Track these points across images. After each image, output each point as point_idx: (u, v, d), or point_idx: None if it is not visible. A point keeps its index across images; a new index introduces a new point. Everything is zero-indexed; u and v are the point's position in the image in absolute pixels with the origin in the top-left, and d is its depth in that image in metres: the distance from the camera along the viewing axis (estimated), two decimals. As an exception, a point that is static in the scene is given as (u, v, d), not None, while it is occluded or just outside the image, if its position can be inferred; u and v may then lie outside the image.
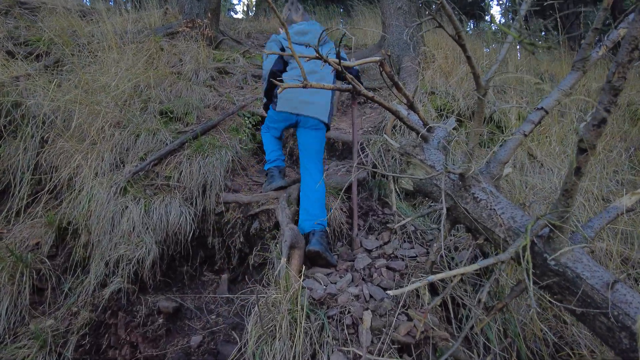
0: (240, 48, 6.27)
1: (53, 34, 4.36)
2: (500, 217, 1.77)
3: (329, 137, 3.58)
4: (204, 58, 4.84)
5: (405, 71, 5.15)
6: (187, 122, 3.28)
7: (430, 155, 2.16)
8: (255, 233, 2.62)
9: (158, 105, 3.31)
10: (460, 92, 4.64)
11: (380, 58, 1.98)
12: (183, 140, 2.89)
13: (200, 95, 3.74)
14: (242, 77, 4.86)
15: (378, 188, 3.11)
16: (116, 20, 5.76)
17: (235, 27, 9.00)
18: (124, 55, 4.11)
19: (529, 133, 1.98)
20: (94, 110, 2.97)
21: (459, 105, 4.52)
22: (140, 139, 2.89)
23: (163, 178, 2.71)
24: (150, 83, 3.47)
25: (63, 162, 2.76)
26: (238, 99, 3.87)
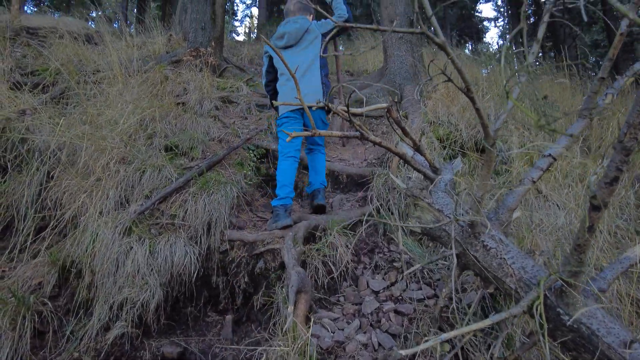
0: (243, 76, 6.33)
1: (59, 64, 4.40)
2: (511, 267, 1.75)
3: (332, 170, 3.59)
4: (208, 87, 4.88)
5: (408, 101, 5.19)
6: (192, 156, 3.29)
7: (437, 199, 2.15)
8: (260, 273, 2.58)
9: (163, 139, 3.32)
10: (463, 122, 4.65)
11: (387, 105, 1.99)
12: (188, 178, 2.88)
13: (205, 127, 3.75)
14: (246, 106, 4.89)
15: (383, 224, 3.09)
16: (121, 46, 5.83)
17: (238, 52, 9.12)
18: (129, 87, 4.14)
19: (537, 180, 1.97)
20: (100, 146, 2.98)
21: (461, 136, 4.53)
22: (145, 176, 2.89)
23: (168, 217, 2.69)
24: (156, 116, 3.48)
25: (68, 199, 2.75)
26: (243, 131, 3.88)
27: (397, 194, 3.12)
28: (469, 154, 4.32)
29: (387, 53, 5.81)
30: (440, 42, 1.51)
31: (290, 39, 3.10)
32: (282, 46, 3.13)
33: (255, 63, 8.25)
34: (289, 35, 3.10)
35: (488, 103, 5.21)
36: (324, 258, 2.55)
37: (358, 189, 3.55)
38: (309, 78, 3.04)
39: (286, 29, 3.11)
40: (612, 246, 2.92)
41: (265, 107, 5.08)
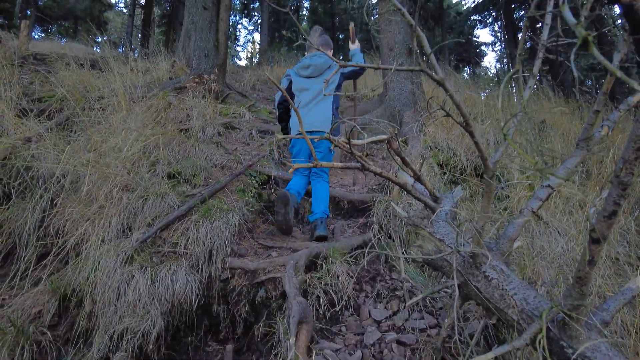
0: (246, 102, 6.42)
1: (65, 90, 4.48)
2: (513, 298, 1.74)
3: (334, 196, 3.60)
4: (211, 114, 4.94)
5: (408, 127, 5.25)
6: (194, 183, 3.31)
7: (439, 228, 2.15)
8: (261, 302, 2.57)
9: (166, 166, 3.35)
10: (462, 148, 4.70)
11: (388, 137, 2.03)
12: (190, 205, 2.90)
13: (207, 154, 3.79)
14: (248, 132, 4.94)
15: (384, 249, 3.09)
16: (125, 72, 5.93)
17: (240, 78, 9.27)
18: (133, 114, 4.21)
19: (537, 210, 1.99)
20: (103, 174, 3.01)
21: (461, 161, 4.57)
22: (148, 203, 2.90)
23: (170, 245, 2.69)
24: (159, 144, 3.53)
25: (70, 227, 2.76)
26: (245, 157, 3.92)
27: (399, 221, 3.12)
28: (468, 179, 4.36)
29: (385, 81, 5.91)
30: (439, 79, 1.55)
31: (315, 71, 3.40)
32: (305, 75, 3.45)
33: (257, 89, 8.39)
34: (314, 67, 3.40)
35: (487, 128, 5.27)
36: (325, 287, 2.53)
37: (359, 215, 3.56)
38: (322, 107, 3.31)
39: (312, 62, 3.41)
40: (614, 273, 2.91)
41: (268, 133, 5.13)
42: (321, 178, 3.37)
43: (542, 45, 1.90)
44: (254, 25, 29.65)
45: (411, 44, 5.87)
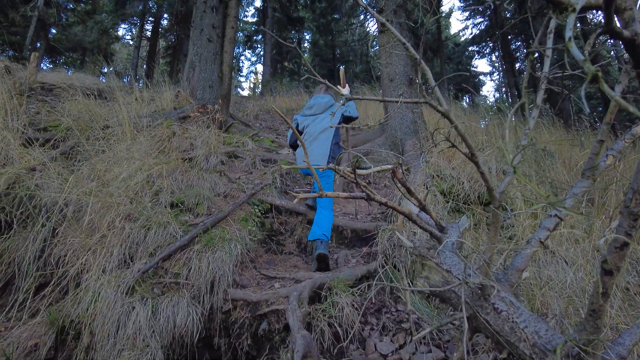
0: (249, 131, 6.48)
1: (71, 120, 4.53)
2: (524, 331, 1.69)
3: (337, 225, 3.57)
4: (215, 143, 4.98)
5: (409, 155, 5.27)
6: (197, 212, 3.29)
7: (445, 259, 2.12)
8: (263, 335, 2.50)
9: (169, 196, 3.34)
10: (464, 175, 4.69)
11: (392, 166, 2.02)
12: (193, 235, 2.87)
13: (210, 183, 3.78)
14: (251, 161, 4.96)
15: (390, 281, 3.03)
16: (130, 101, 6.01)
17: (243, 108, 9.39)
18: (137, 143, 4.24)
19: (545, 240, 1.96)
20: (106, 203, 2.99)
21: (464, 189, 4.56)
22: (150, 233, 2.87)
23: (172, 275, 2.65)
24: (163, 173, 3.53)
25: (71, 256, 2.72)
26: (247, 186, 3.91)
27: (404, 251, 3.08)
28: (472, 207, 4.33)
29: (387, 109, 5.97)
30: (444, 111, 1.56)
31: (317, 109, 3.78)
32: (309, 114, 3.80)
33: (260, 118, 8.48)
34: (317, 107, 3.78)
35: (489, 156, 5.29)
36: (329, 319, 2.47)
37: (363, 244, 3.52)
38: (323, 141, 3.59)
39: (316, 102, 3.82)
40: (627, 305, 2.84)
41: (270, 162, 5.15)
42: (324, 208, 3.45)
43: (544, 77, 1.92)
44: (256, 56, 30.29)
45: (412, 75, 5.97)
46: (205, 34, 6.57)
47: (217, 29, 6.69)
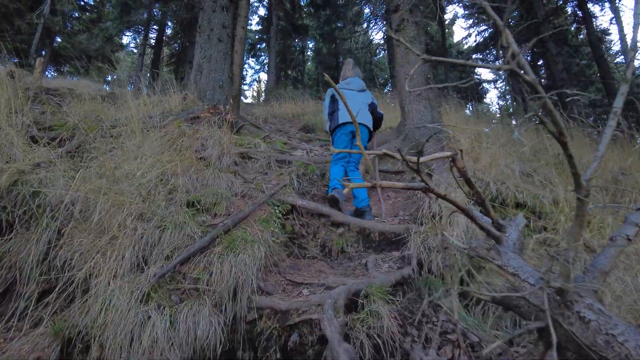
0: (260, 133, 6.22)
1: (77, 119, 4.28)
2: (624, 345, 1.40)
3: (363, 227, 3.29)
4: (227, 144, 4.71)
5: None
6: (215, 213, 3.01)
7: (509, 261, 1.83)
8: (294, 348, 2.19)
9: (184, 195, 3.06)
10: (490, 177, 4.42)
11: (452, 153, 1.76)
12: (213, 236, 2.59)
13: (227, 182, 3.51)
14: (265, 162, 4.69)
15: (428, 288, 2.74)
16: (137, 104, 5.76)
17: (251, 112, 9.16)
18: (149, 140, 3.98)
19: (633, 237, 1.67)
20: (117, 201, 2.71)
21: (490, 191, 4.28)
22: (165, 234, 2.59)
23: (191, 280, 2.35)
24: (177, 171, 3.26)
25: (79, 260, 2.43)
26: (267, 186, 3.63)
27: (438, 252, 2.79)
28: (500, 209, 4.06)
29: (404, 110, 5.72)
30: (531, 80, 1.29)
31: (355, 87, 4.28)
32: (347, 89, 4.24)
33: (269, 122, 8.23)
34: (355, 84, 4.30)
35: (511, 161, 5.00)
36: (368, 330, 2.18)
37: (392, 248, 3.23)
38: (364, 113, 4.11)
39: (354, 81, 4.35)
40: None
41: (285, 163, 4.88)
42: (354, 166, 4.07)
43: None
44: (260, 65, 30.19)
45: (429, 74, 5.73)
46: (216, 33, 6.35)
47: (228, 28, 6.46)
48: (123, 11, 18.31)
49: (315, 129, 7.56)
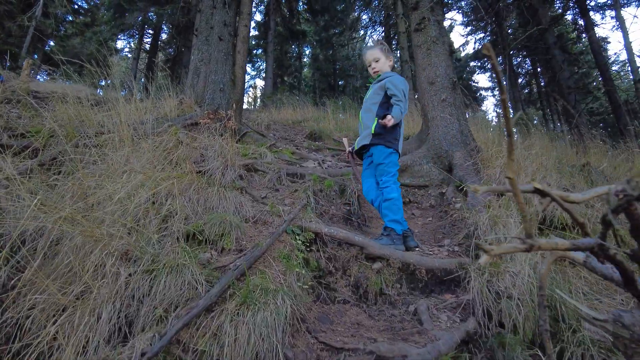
0: (265, 141, 5.52)
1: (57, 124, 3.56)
2: None
3: (406, 262, 2.59)
4: (231, 154, 4.00)
5: (461, 168, 4.33)
6: (222, 247, 2.29)
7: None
8: None
9: (183, 223, 2.34)
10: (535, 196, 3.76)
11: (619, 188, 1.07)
12: (224, 286, 1.87)
13: (235, 204, 2.80)
14: (275, 176, 3.98)
15: (502, 348, 2.05)
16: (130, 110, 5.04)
17: (250, 118, 8.45)
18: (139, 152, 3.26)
19: None
20: (94, 235, 1.99)
21: (536, 211, 3.63)
22: (158, 282, 1.87)
23: (194, 355, 1.64)
24: (173, 191, 2.54)
25: (38, 321, 1.70)
26: (283, 209, 2.92)
27: (544, 313, 2.10)
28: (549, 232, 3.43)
29: (427, 117, 5.05)
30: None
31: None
32: None
33: (272, 129, 7.52)
34: None
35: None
36: None
37: (444, 290, 2.54)
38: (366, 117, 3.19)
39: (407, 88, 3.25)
40: None
41: (297, 177, 4.18)
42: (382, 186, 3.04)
43: None
44: (256, 70, 29.55)
45: (454, 77, 5.08)
46: (216, 31, 5.65)
47: (229, 26, 5.77)
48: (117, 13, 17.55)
49: (322, 136, 6.87)
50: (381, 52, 3.20)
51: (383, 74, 3.14)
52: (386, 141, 2.99)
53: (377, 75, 3.20)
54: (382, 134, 2.99)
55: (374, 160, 3.06)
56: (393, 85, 2.96)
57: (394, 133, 3.02)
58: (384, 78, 3.08)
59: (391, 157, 3.00)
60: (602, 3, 15.92)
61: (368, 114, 3.11)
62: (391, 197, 2.88)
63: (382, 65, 3.16)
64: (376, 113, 3.06)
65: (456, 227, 3.42)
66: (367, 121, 3.10)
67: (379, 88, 3.09)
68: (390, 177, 2.97)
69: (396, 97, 2.90)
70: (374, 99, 3.11)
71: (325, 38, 22.58)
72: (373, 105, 3.09)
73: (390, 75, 3.08)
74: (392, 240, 2.76)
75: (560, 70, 12.27)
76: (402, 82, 2.99)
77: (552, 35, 12.98)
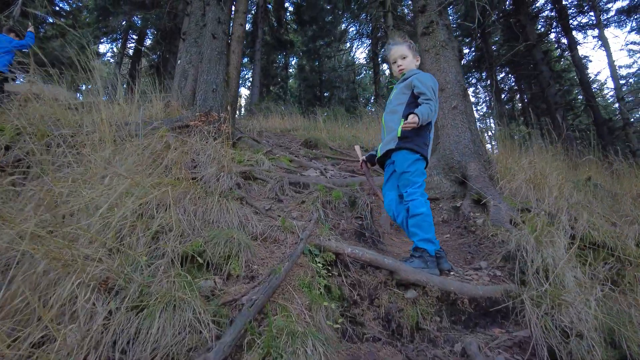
0: (260, 147, 5.04)
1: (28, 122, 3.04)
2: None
3: (446, 291, 2.15)
4: (227, 160, 3.52)
5: (477, 181, 3.95)
6: (228, 272, 1.81)
7: None
8: None
9: (178, 241, 1.85)
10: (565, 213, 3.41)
11: None
12: (240, 330, 1.38)
13: (238, 217, 2.32)
14: (277, 185, 3.51)
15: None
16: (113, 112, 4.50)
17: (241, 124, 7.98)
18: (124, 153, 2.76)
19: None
20: (63, 258, 1.49)
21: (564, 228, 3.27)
22: (148, 325, 1.38)
23: None
24: (166, 200, 2.05)
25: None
26: (297, 224, 2.45)
27: None
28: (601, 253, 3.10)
29: (437, 125, 4.69)
30: None
31: None
32: None
33: (264, 135, 7.04)
34: None
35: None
36: None
37: (490, 323, 2.11)
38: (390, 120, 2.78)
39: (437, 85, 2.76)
40: None
41: (300, 187, 3.72)
42: None
43: None
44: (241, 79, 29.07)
45: (465, 83, 4.74)
46: (209, 29, 5.17)
47: (224, 24, 5.31)
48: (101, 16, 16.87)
49: (318, 144, 6.44)
50: (409, 49, 2.79)
51: (408, 71, 2.73)
52: (415, 144, 2.54)
53: (402, 74, 2.79)
54: (410, 137, 2.55)
55: (397, 168, 2.62)
56: (420, 82, 2.54)
57: (424, 137, 2.59)
58: (410, 76, 2.67)
59: (417, 164, 2.56)
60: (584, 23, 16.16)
61: (393, 115, 2.68)
62: (419, 212, 2.44)
63: (409, 64, 2.76)
64: (402, 113, 2.63)
65: (484, 247, 3.02)
66: (392, 124, 2.67)
67: (405, 87, 2.67)
68: (416, 188, 2.53)
69: (425, 96, 2.47)
70: (399, 99, 2.69)
71: (312, 49, 22.33)
72: (399, 106, 2.67)
73: (416, 73, 2.66)
74: (426, 263, 2.32)
75: (548, 86, 12.24)
76: (430, 79, 2.57)
77: (539, 52, 13.00)
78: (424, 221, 2.43)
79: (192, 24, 7.89)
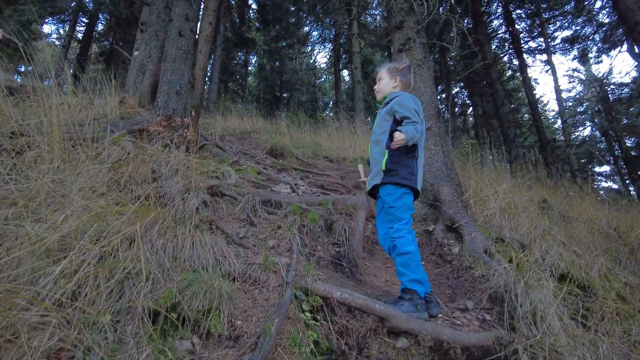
0: (226, 156, 4.71)
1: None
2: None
3: (439, 340, 2.01)
4: (193, 173, 3.20)
5: (450, 206, 3.90)
6: (207, 329, 1.54)
7: None
8: None
9: (149, 291, 1.55)
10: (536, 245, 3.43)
11: None
12: None
13: (214, 252, 2.03)
14: (249, 204, 3.23)
15: None
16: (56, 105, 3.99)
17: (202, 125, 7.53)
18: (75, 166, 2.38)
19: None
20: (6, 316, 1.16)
21: (536, 260, 3.29)
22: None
23: None
24: (135, 233, 1.74)
25: None
26: (281, 261, 2.19)
27: None
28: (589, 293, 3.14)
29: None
30: None
31: None
32: None
33: (226, 140, 6.66)
34: None
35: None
36: None
37: (483, 375, 2.00)
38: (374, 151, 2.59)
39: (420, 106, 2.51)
40: None
41: (272, 206, 3.46)
42: None
43: None
44: (199, 74, 27.93)
45: (440, 104, 4.71)
46: (176, 25, 4.77)
47: (191, 21, 4.92)
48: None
49: (284, 153, 6.18)
50: (387, 71, 2.62)
51: (389, 95, 2.56)
52: (400, 177, 2.38)
53: (381, 98, 2.62)
54: (395, 169, 2.38)
55: (384, 203, 2.46)
56: (400, 105, 2.36)
57: (410, 166, 2.41)
58: (390, 100, 2.50)
59: (403, 199, 2.39)
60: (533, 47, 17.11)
61: (377, 146, 2.50)
62: (406, 250, 2.29)
63: (384, 86, 2.59)
64: (386, 145, 2.45)
65: (464, 280, 2.93)
66: (376, 155, 2.49)
67: (387, 114, 2.49)
68: (403, 224, 2.36)
69: (408, 120, 2.29)
70: (382, 127, 2.50)
71: (274, 49, 21.95)
72: (382, 136, 2.48)
73: (397, 95, 2.49)
74: (415, 307, 2.17)
75: (502, 104, 12.78)
76: (412, 101, 2.40)
77: (495, 71, 13.55)
78: (411, 260, 2.28)
79: (153, 15, 7.32)
